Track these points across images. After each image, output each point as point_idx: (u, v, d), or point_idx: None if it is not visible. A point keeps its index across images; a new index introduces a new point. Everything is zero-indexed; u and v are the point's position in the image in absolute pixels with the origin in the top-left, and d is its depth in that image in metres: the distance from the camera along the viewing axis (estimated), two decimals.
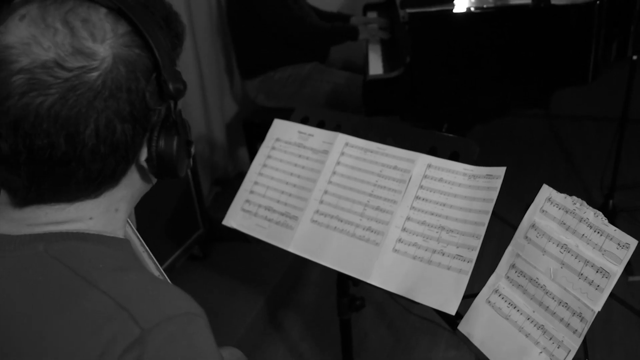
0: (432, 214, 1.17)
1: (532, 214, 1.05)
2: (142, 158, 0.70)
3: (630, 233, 0.95)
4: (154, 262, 0.93)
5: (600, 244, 0.97)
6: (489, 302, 1.05)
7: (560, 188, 1.05)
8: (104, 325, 0.60)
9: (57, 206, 0.68)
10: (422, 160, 1.23)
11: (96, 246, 0.69)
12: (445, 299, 1.09)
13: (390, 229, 1.20)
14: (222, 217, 1.39)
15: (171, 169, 0.72)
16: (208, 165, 2.82)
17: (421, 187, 1.21)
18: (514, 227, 1.07)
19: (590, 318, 0.95)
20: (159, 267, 0.93)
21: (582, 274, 0.97)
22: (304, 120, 1.44)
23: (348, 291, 1.50)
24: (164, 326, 0.60)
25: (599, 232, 0.97)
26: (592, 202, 1.10)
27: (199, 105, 2.68)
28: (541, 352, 0.98)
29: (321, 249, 1.24)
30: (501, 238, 1.26)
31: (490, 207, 1.12)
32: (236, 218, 1.37)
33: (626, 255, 0.94)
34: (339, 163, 1.31)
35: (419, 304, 1.11)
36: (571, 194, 1.03)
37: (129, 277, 0.66)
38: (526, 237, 1.05)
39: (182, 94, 0.68)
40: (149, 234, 0.96)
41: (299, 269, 2.55)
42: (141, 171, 0.72)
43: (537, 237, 1.03)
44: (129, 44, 0.64)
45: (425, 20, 2.17)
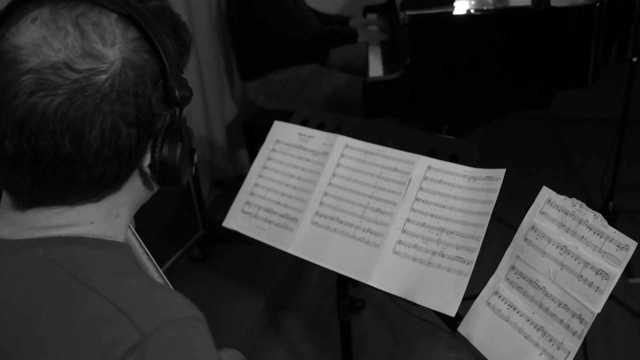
0: (432, 215, 1.18)
1: (532, 216, 1.05)
2: (145, 164, 0.70)
3: (631, 235, 0.96)
4: (153, 264, 0.93)
5: (599, 246, 0.97)
6: (489, 303, 1.05)
7: (560, 190, 1.05)
8: (103, 329, 0.60)
9: (58, 209, 0.68)
10: (422, 162, 1.23)
11: (96, 250, 0.69)
12: (445, 300, 1.09)
13: (390, 230, 1.20)
14: (222, 219, 1.39)
15: (174, 176, 0.72)
16: (208, 167, 2.82)
17: (421, 189, 1.21)
18: (514, 229, 1.07)
19: (590, 320, 0.95)
20: (159, 269, 0.93)
21: (581, 276, 0.97)
22: (304, 122, 1.44)
23: (348, 293, 1.50)
24: (164, 330, 0.60)
25: (598, 234, 0.98)
26: (592, 204, 1.10)
27: (199, 106, 2.68)
28: (541, 353, 0.98)
29: (321, 250, 1.25)
30: (501, 240, 1.26)
31: (490, 208, 1.12)
32: (236, 220, 1.37)
33: (626, 257, 0.94)
34: (339, 165, 1.31)
35: (418, 305, 1.11)
36: (571, 195, 1.03)
37: (129, 282, 0.66)
38: (526, 238, 1.05)
39: (187, 100, 0.69)
40: (149, 235, 0.96)
41: (299, 270, 2.55)
42: (143, 177, 0.72)
43: (537, 238, 1.03)
44: (138, 49, 0.65)
45: (425, 23, 2.17)
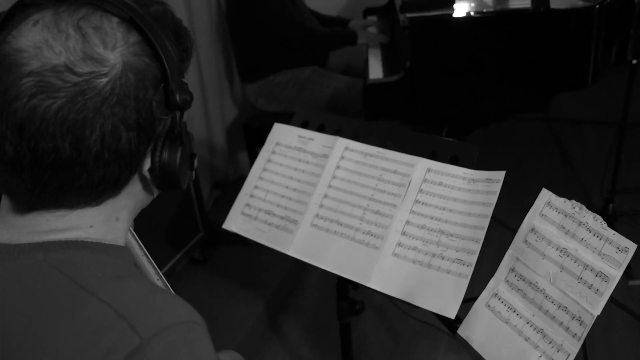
0: (432, 217, 1.18)
1: (532, 218, 1.05)
2: (145, 168, 0.70)
3: (631, 237, 0.95)
4: (153, 266, 0.93)
5: (599, 248, 0.97)
6: (489, 305, 1.05)
7: (560, 192, 1.05)
8: (103, 334, 0.60)
9: (58, 213, 0.68)
10: (422, 165, 1.24)
11: (95, 254, 0.69)
12: (444, 302, 1.09)
13: (390, 232, 1.20)
14: (222, 221, 1.39)
15: (173, 180, 0.72)
16: (208, 169, 2.82)
17: (421, 191, 1.21)
18: (514, 231, 1.07)
19: (590, 322, 0.95)
20: (158, 271, 0.93)
21: (581, 278, 0.97)
22: (304, 125, 1.44)
23: (348, 295, 1.50)
24: (164, 335, 0.60)
25: (598, 236, 0.98)
26: (592, 206, 1.11)
27: (199, 108, 2.69)
28: (540, 355, 0.98)
29: (321, 252, 1.25)
30: (501, 242, 1.26)
31: (489, 211, 1.12)
32: (236, 222, 1.37)
33: (625, 259, 0.94)
34: (338, 167, 1.31)
35: (418, 307, 1.11)
36: (571, 197, 1.03)
37: (128, 286, 0.66)
38: (525, 241, 1.05)
39: (188, 105, 0.69)
40: (149, 237, 0.96)
41: (299, 272, 2.55)
42: (143, 181, 0.72)
43: (537, 241, 1.03)
44: (139, 53, 0.65)
45: (425, 25, 2.17)
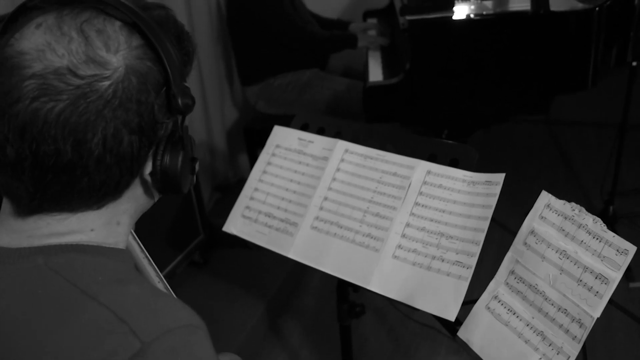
0: (432, 220, 1.18)
1: (531, 220, 1.05)
2: (146, 172, 0.70)
3: (631, 239, 0.95)
4: (154, 268, 0.93)
5: (599, 250, 0.97)
6: (489, 308, 1.05)
7: (560, 194, 1.05)
8: (104, 338, 0.60)
9: (59, 216, 0.68)
10: (422, 167, 1.24)
11: (96, 258, 0.69)
12: (444, 305, 1.09)
13: (389, 235, 1.20)
14: (222, 223, 1.39)
15: (175, 184, 0.72)
16: (209, 171, 2.83)
17: (421, 193, 1.21)
18: (514, 233, 1.07)
19: (590, 324, 0.95)
20: (159, 274, 0.93)
21: (581, 280, 0.97)
22: (304, 127, 1.44)
23: (348, 297, 1.50)
24: (164, 339, 0.60)
25: (597, 239, 0.98)
26: (593, 208, 1.11)
27: (200, 111, 2.69)
28: (540, 358, 0.98)
29: (321, 255, 1.25)
30: (500, 244, 1.26)
31: (489, 213, 1.12)
32: (236, 224, 1.38)
33: (625, 262, 0.94)
34: (338, 170, 1.31)
35: (418, 310, 1.12)
36: (571, 200, 1.03)
37: (129, 290, 0.66)
38: (525, 243, 1.05)
39: (190, 109, 0.69)
40: (149, 240, 0.96)
41: (299, 275, 2.55)
42: (144, 185, 0.72)
43: (536, 243, 1.03)
44: (141, 57, 0.65)
45: (425, 27, 2.18)
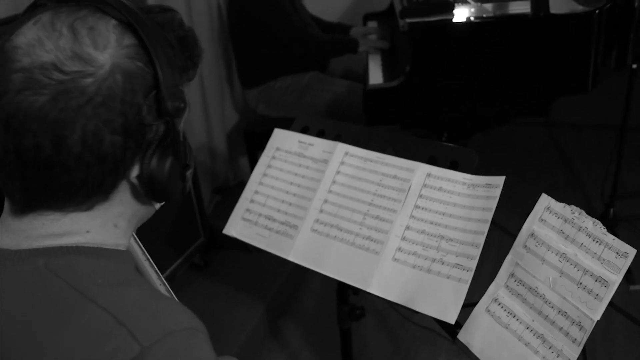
0: (432, 223, 1.18)
1: (531, 223, 1.05)
2: (133, 175, 0.69)
3: (631, 241, 0.96)
4: (155, 271, 0.93)
5: (599, 253, 0.97)
6: (489, 311, 1.06)
7: (561, 196, 1.05)
8: (103, 342, 0.60)
9: (51, 216, 0.67)
10: (422, 170, 1.24)
11: (96, 260, 0.68)
12: (444, 307, 1.09)
13: (390, 238, 1.20)
14: (222, 226, 1.40)
15: (161, 190, 0.70)
16: (209, 174, 2.83)
17: (421, 196, 1.21)
18: (514, 236, 1.07)
19: (590, 327, 0.95)
20: (161, 276, 0.93)
21: (581, 283, 0.97)
22: (304, 130, 1.44)
23: (348, 300, 1.50)
24: (164, 342, 0.60)
25: (597, 241, 0.98)
26: (593, 211, 1.11)
27: (200, 114, 2.69)
28: None
29: (321, 258, 1.25)
30: (501, 247, 1.26)
31: (489, 216, 1.12)
32: (237, 227, 1.38)
33: (625, 264, 0.95)
34: (339, 172, 1.31)
35: (418, 313, 1.12)
36: (571, 202, 1.03)
37: (129, 292, 0.66)
38: (525, 246, 1.05)
39: (180, 112, 0.67)
40: (149, 242, 0.96)
41: (299, 277, 2.55)
42: (133, 189, 0.71)
43: (536, 246, 1.03)
44: (132, 56, 0.64)
45: (425, 30, 2.18)
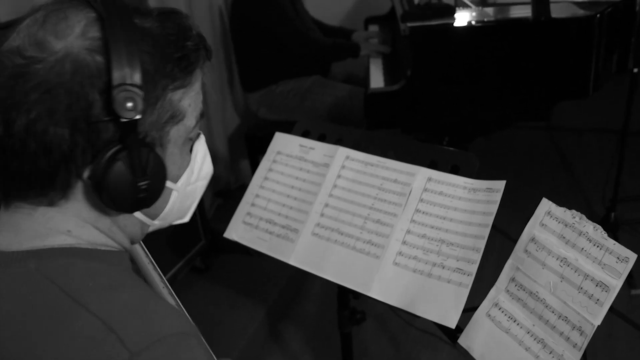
0: (433, 227, 1.18)
1: (532, 228, 1.05)
2: (85, 175, 0.66)
3: (632, 246, 0.95)
4: (158, 273, 0.94)
5: (599, 258, 0.97)
6: (489, 315, 1.05)
7: (562, 201, 1.05)
8: (93, 349, 0.59)
9: (25, 209, 0.68)
10: (423, 174, 1.24)
11: (88, 263, 0.68)
12: (445, 312, 1.09)
13: (390, 242, 1.20)
14: (223, 229, 1.39)
15: (108, 196, 0.66)
16: (210, 177, 2.83)
17: (421, 200, 1.21)
18: (514, 241, 1.07)
19: (590, 332, 0.95)
20: (164, 279, 0.93)
21: (581, 288, 0.97)
22: (305, 134, 1.45)
23: (349, 304, 1.50)
24: (153, 348, 0.60)
25: (598, 246, 0.98)
26: (594, 215, 1.11)
27: None
28: None
29: (322, 261, 1.25)
30: (501, 251, 1.26)
31: (490, 220, 1.12)
32: (237, 230, 1.38)
33: (625, 269, 0.94)
34: (339, 176, 1.31)
35: (419, 317, 1.12)
36: (573, 206, 1.03)
37: (120, 297, 0.65)
38: (526, 250, 1.05)
39: (128, 115, 0.63)
40: (150, 245, 0.97)
41: (300, 281, 2.55)
42: (87, 191, 0.68)
43: (537, 250, 1.03)
44: (93, 49, 0.63)
45: (426, 34, 2.19)
